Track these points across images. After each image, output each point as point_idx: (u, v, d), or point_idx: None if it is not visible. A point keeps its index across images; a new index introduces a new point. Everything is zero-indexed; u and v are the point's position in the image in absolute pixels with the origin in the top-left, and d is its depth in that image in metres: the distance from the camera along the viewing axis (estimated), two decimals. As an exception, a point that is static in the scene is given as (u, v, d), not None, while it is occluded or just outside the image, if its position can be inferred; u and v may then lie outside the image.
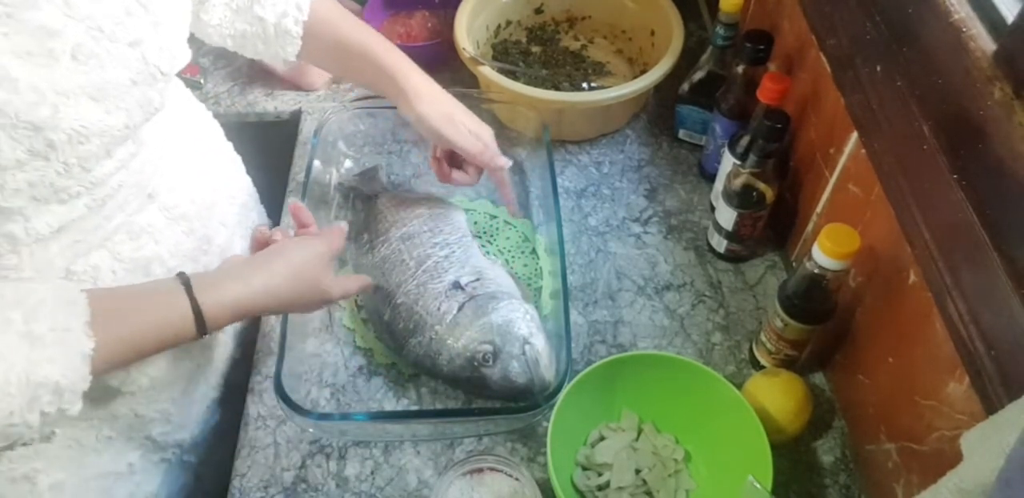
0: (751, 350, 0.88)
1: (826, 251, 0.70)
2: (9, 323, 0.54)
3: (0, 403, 0.53)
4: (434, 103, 0.86)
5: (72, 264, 0.66)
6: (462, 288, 0.85)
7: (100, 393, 0.72)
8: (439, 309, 0.84)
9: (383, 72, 0.86)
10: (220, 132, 0.92)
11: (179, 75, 1.18)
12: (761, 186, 0.87)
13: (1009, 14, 0.59)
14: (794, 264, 0.97)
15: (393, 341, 0.87)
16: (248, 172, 0.97)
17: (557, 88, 1.13)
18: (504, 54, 1.18)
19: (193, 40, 0.75)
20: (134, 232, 0.71)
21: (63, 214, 0.62)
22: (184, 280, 0.65)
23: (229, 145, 0.94)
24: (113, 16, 0.60)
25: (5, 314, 0.54)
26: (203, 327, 0.65)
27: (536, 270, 0.96)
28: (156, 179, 0.72)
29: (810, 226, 0.91)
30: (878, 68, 0.70)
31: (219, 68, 1.21)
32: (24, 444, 0.66)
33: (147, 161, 0.70)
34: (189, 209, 0.78)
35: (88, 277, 0.68)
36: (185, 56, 0.70)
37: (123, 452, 0.78)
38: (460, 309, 0.84)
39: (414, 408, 0.86)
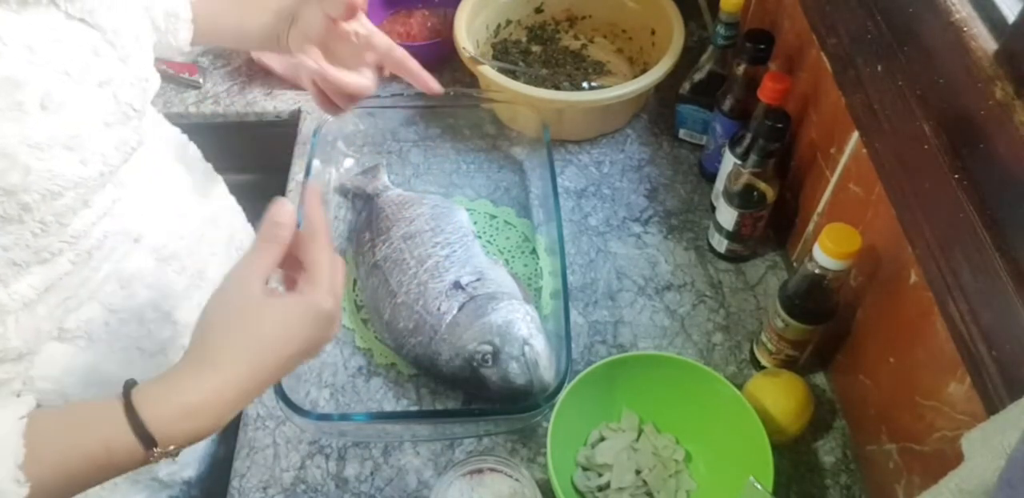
0: (752, 350, 0.88)
1: (827, 251, 0.70)
2: None
3: None
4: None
5: (63, 322, 0.63)
6: (463, 288, 0.85)
7: None
8: (439, 309, 0.84)
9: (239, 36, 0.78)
10: (199, 154, 0.87)
11: (178, 75, 1.18)
12: (762, 186, 0.87)
13: (1010, 13, 0.59)
14: (795, 264, 0.97)
15: (393, 340, 0.86)
16: (247, 172, 0.97)
17: (557, 88, 1.13)
18: (504, 53, 1.18)
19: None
20: (124, 280, 0.67)
21: (47, 273, 0.58)
22: (125, 392, 0.53)
23: (209, 166, 0.90)
24: (79, 58, 0.57)
25: None
26: (152, 445, 0.51)
27: (536, 270, 0.96)
28: (141, 221, 0.69)
29: (811, 226, 0.91)
30: (879, 67, 0.70)
31: (218, 68, 1.21)
32: None
33: (130, 204, 0.66)
34: (178, 246, 0.74)
35: (82, 333, 0.65)
36: (155, 85, 0.66)
37: (129, 495, 0.77)
38: (460, 309, 0.84)
39: (414, 408, 0.86)
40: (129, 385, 0.53)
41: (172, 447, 0.51)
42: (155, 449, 0.51)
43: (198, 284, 0.78)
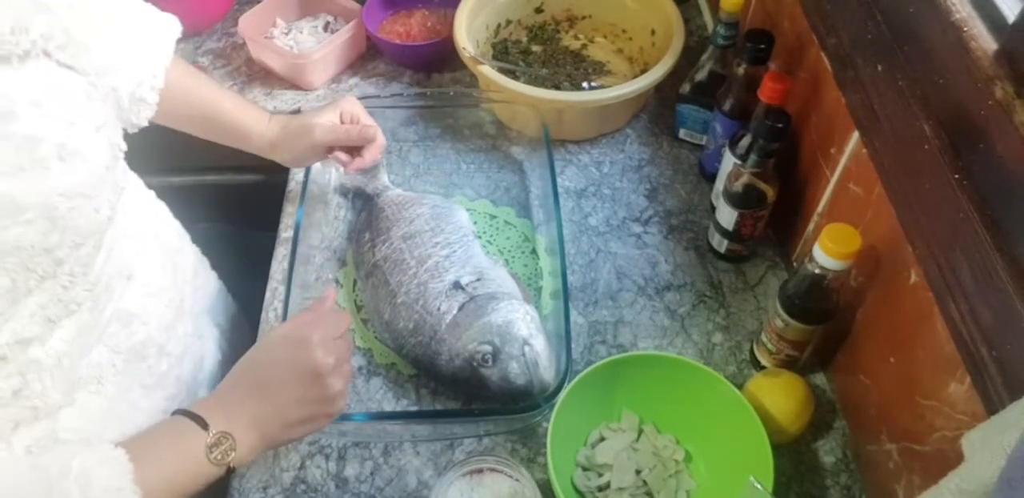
0: (752, 350, 0.88)
1: (827, 251, 0.70)
2: (68, 494, 0.54)
3: None
4: (288, 148, 0.91)
5: (76, 368, 0.64)
6: (463, 288, 0.85)
7: None
8: (439, 309, 0.84)
9: (235, 133, 0.90)
10: (142, 182, 0.86)
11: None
12: (762, 186, 0.87)
13: (1010, 13, 0.59)
14: (795, 264, 0.97)
15: (393, 340, 0.86)
16: (248, 172, 0.98)
17: (557, 88, 1.13)
18: (504, 53, 1.18)
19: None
20: (124, 319, 0.70)
21: (73, 325, 0.61)
22: (194, 418, 0.63)
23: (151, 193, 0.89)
24: (76, 105, 0.58)
25: (61, 485, 0.55)
26: (203, 424, 0.63)
27: (536, 270, 0.96)
28: (132, 259, 0.71)
29: (811, 226, 0.91)
30: (879, 67, 0.70)
31: (218, 68, 1.21)
32: None
33: (122, 242, 0.69)
34: (163, 278, 0.78)
35: (92, 377, 0.67)
36: (128, 126, 0.74)
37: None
38: (460, 309, 0.84)
39: (414, 408, 0.86)
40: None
41: (225, 432, 0.62)
42: (209, 429, 0.61)
43: (180, 315, 0.81)
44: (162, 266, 0.79)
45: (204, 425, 0.62)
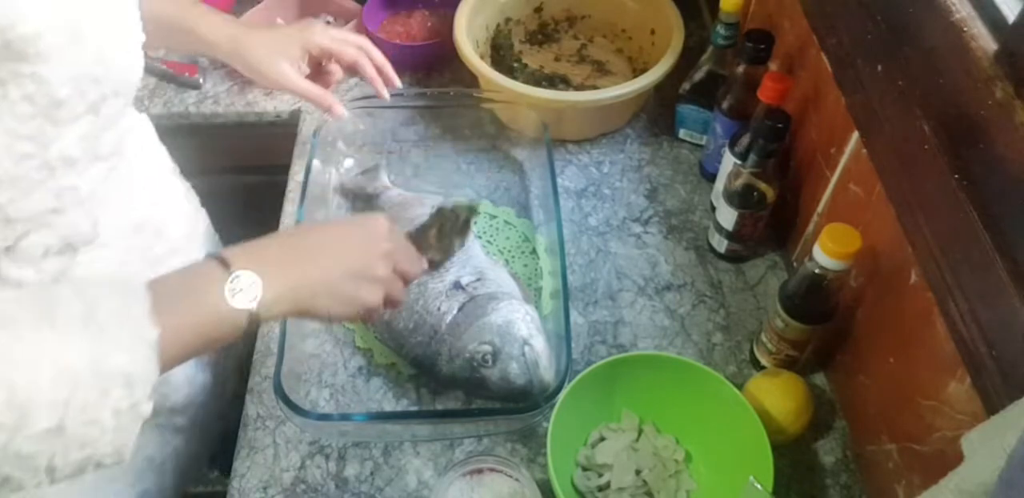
0: (752, 350, 0.88)
1: (827, 251, 0.70)
2: (71, 316, 0.50)
3: (76, 395, 0.48)
4: (255, 49, 0.85)
5: (87, 226, 0.68)
6: (463, 288, 0.85)
7: None
8: (439, 309, 0.84)
9: (191, 38, 0.85)
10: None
11: (178, 75, 1.18)
12: (762, 186, 0.87)
13: (1010, 13, 0.59)
14: (795, 264, 0.97)
15: (393, 340, 0.86)
16: (248, 172, 0.97)
17: (557, 88, 1.13)
18: (504, 54, 1.18)
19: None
20: (126, 193, 0.74)
21: (100, 169, 0.67)
22: (217, 258, 0.59)
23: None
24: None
25: (66, 307, 0.51)
26: (225, 264, 0.58)
27: (536, 270, 0.96)
28: (127, 169, 0.74)
29: (811, 226, 0.91)
30: (879, 67, 0.70)
31: (218, 67, 1.21)
32: (99, 465, 0.55)
33: (133, 148, 0.74)
34: (160, 185, 0.82)
35: (98, 236, 0.70)
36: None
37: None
38: (460, 309, 0.84)
39: (414, 408, 0.86)
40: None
41: (248, 274, 0.57)
42: (231, 269, 0.57)
43: (176, 221, 0.86)
44: (153, 192, 0.82)
45: (227, 265, 0.58)
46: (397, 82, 0.93)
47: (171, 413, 0.87)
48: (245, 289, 0.57)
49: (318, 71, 0.91)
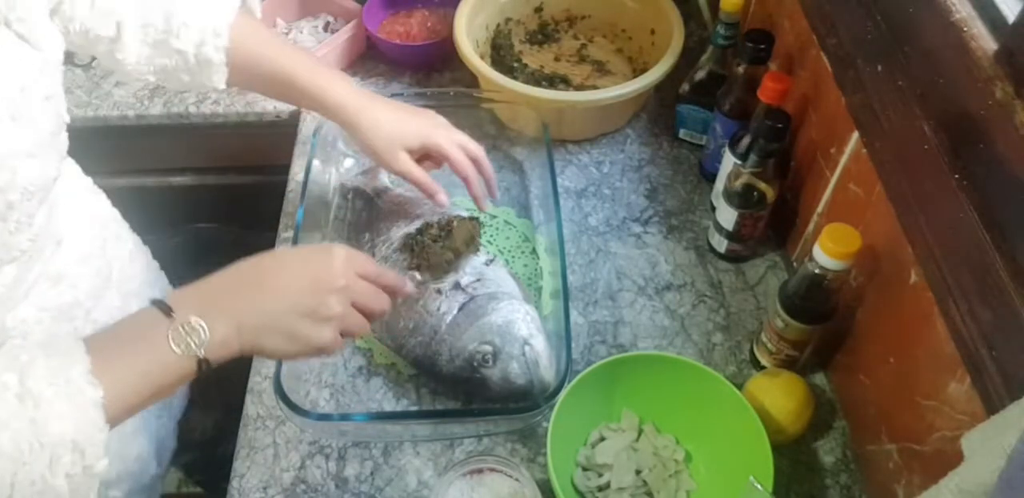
0: (752, 350, 0.88)
1: (827, 251, 0.70)
2: (6, 388, 0.50)
3: (19, 475, 0.48)
4: (378, 130, 0.83)
5: (3, 320, 0.66)
6: (463, 288, 0.85)
7: None
8: (439, 309, 0.84)
9: (312, 99, 0.82)
10: (79, 169, 0.88)
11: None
12: (762, 186, 0.87)
13: (1010, 13, 0.59)
14: (795, 264, 0.97)
15: (393, 341, 0.86)
16: (248, 172, 0.97)
17: (557, 88, 1.13)
18: (504, 53, 1.18)
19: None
20: (53, 279, 0.72)
21: (9, 273, 0.64)
22: (160, 306, 0.58)
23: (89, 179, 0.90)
24: (28, 74, 0.61)
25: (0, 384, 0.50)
26: (167, 310, 0.57)
27: (536, 270, 0.96)
28: (62, 225, 0.74)
29: (811, 226, 0.91)
30: (879, 67, 0.70)
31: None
32: None
33: (58, 210, 0.72)
34: (92, 247, 0.79)
35: (18, 332, 0.68)
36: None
37: None
38: (460, 309, 0.84)
39: (414, 408, 0.86)
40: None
41: (192, 319, 0.56)
42: (174, 315, 0.56)
43: (108, 286, 0.82)
44: (92, 238, 0.81)
45: (168, 312, 0.56)
46: (496, 194, 0.92)
47: (104, 487, 0.83)
48: (190, 335, 0.56)
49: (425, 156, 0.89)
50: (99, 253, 0.82)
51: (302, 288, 0.62)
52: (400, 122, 0.84)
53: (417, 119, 0.85)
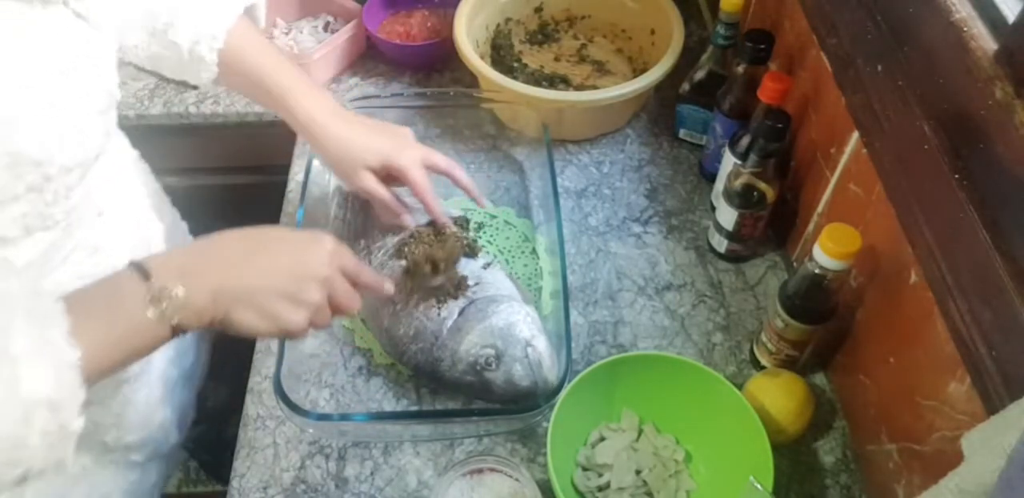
0: (752, 350, 0.88)
1: (827, 251, 0.70)
2: None
3: None
4: (338, 148, 0.82)
5: (40, 282, 0.68)
6: (462, 293, 0.85)
7: None
8: (439, 314, 0.83)
9: (286, 111, 0.82)
10: (128, 142, 0.90)
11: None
12: (762, 186, 0.87)
13: (1010, 13, 0.59)
14: (795, 264, 0.97)
15: (394, 347, 0.86)
16: (248, 172, 0.97)
17: (557, 88, 1.13)
18: (503, 53, 1.18)
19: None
20: (89, 249, 0.73)
21: (45, 239, 0.66)
22: (139, 269, 0.58)
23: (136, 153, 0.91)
24: (81, 51, 0.64)
25: None
26: (146, 275, 0.57)
27: (536, 270, 0.96)
28: (104, 197, 0.75)
29: (811, 226, 0.91)
30: (879, 67, 0.70)
31: (219, 68, 1.21)
32: (41, 475, 0.56)
33: (102, 183, 0.74)
34: (131, 220, 0.81)
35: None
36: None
37: (79, 456, 0.78)
38: (461, 313, 0.83)
39: (414, 408, 0.86)
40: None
41: (171, 286, 0.56)
42: (152, 280, 0.56)
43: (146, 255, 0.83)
44: (133, 211, 0.83)
45: (146, 276, 0.56)
46: (483, 204, 0.91)
47: (127, 450, 0.86)
48: (165, 300, 0.56)
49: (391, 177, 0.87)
50: (139, 226, 0.84)
51: (288, 270, 0.62)
52: (363, 140, 0.83)
53: (382, 138, 0.84)
